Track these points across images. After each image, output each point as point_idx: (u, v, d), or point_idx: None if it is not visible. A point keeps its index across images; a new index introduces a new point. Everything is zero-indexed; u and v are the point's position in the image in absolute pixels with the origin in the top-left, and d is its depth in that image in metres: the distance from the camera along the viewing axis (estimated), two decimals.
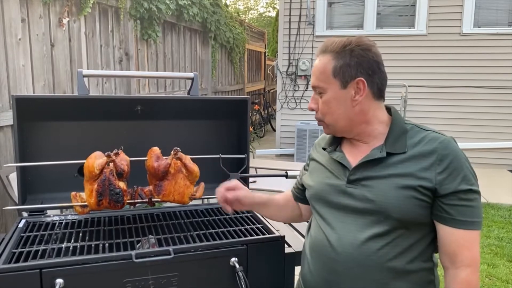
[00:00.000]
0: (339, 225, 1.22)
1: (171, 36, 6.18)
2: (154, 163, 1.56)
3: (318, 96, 1.25)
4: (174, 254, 1.35)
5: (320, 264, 1.25)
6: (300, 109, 7.51)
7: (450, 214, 1.12)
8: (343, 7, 7.27)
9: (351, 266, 1.17)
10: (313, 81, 1.24)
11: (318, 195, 1.30)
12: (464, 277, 1.12)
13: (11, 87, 3.14)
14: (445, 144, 1.14)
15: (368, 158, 1.19)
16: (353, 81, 1.18)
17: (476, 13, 6.60)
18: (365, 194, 1.17)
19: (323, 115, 1.25)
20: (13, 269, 1.23)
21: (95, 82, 4.30)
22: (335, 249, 1.20)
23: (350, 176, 1.21)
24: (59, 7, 3.70)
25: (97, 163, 1.46)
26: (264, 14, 26.81)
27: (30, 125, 1.71)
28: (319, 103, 1.24)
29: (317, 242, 1.28)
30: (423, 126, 1.23)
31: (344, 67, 1.18)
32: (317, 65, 1.23)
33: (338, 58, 1.18)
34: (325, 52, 1.21)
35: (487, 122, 6.67)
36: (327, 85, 1.20)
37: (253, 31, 12.04)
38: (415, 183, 1.12)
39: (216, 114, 1.99)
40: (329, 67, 1.19)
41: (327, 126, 1.27)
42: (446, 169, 1.11)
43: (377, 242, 1.15)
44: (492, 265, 3.48)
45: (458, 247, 1.12)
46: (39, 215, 1.69)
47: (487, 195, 5.17)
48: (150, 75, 2.84)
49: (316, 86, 1.23)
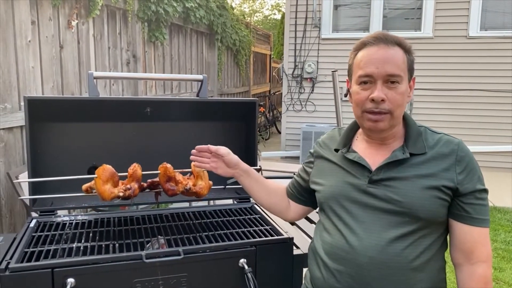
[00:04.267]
0: (360, 226, 1.20)
1: (178, 39, 6.21)
2: (165, 185, 1.61)
3: (388, 85, 1.17)
4: (184, 254, 1.36)
5: (341, 268, 1.21)
6: (305, 112, 7.51)
7: (469, 212, 1.16)
8: (349, 9, 7.27)
9: (375, 267, 1.15)
10: (391, 69, 1.16)
11: (336, 194, 1.26)
12: (481, 272, 1.16)
13: (20, 89, 3.17)
14: (461, 146, 1.19)
15: (392, 159, 1.19)
16: (412, 78, 1.23)
17: (483, 16, 6.58)
18: (389, 194, 1.17)
19: (396, 106, 1.17)
20: (26, 268, 1.25)
21: (103, 84, 4.33)
22: (357, 251, 1.17)
23: (373, 176, 1.20)
24: (68, 9, 3.74)
25: (109, 194, 1.50)
26: (270, 16, 26.86)
27: (40, 126, 1.73)
28: (389, 94, 1.17)
29: (334, 244, 1.24)
30: (433, 129, 1.26)
31: (412, 63, 1.22)
32: (393, 54, 1.18)
33: (409, 53, 1.20)
34: (395, 44, 1.19)
35: (494, 126, 6.64)
36: (404, 75, 1.19)
37: (258, 33, 12.06)
38: (438, 183, 1.15)
39: (225, 116, 2.00)
40: (405, 59, 1.19)
41: (393, 119, 1.19)
42: (465, 170, 1.16)
43: (402, 242, 1.15)
44: (499, 269, 3.47)
45: (475, 244, 1.16)
46: (49, 215, 1.71)
47: (493, 199, 5.14)
48: (160, 77, 2.85)
49: (396, 74, 1.17)
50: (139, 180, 1.55)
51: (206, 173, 1.64)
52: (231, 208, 1.90)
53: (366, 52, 1.20)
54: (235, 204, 1.96)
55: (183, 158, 1.93)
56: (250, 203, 1.95)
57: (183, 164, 1.78)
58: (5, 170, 3.01)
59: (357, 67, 1.22)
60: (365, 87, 1.19)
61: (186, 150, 1.97)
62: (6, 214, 3.08)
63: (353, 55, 1.25)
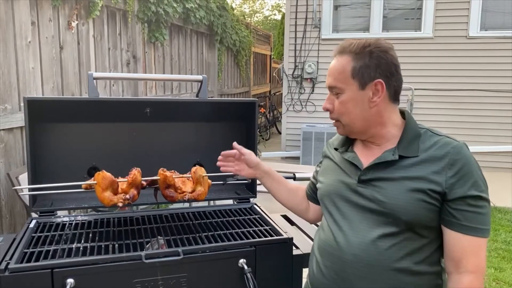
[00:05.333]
0: (347, 224, 1.23)
1: (178, 39, 6.21)
2: (164, 191, 1.62)
3: (334, 96, 1.24)
4: (184, 255, 1.36)
5: (328, 263, 1.26)
6: (305, 112, 7.51)
7: (457, 218, 1.11)
8: (349, 10, 7.27)
9: (359, 265, 1.18)
10: (330, 81, 1.23)
11: (330, 192, 1.30)
12: (466, 283, 1.11)
13: (20, 89, 3.17)
14: (457, 149, 1.13)
15: (380, 160, 1.20)
16: (372, 82, 1.18)
17: (483, 16, 6.58)
18: (375, 195, 1.18)
19: (339, 115, 1.24)
20: (25, 269, 1.25)
21: (103, 84, 4.33)
22: (342, 248, 1.21)
23: (361, 176, 1.22)
24: (68, 10, 3.74)
25: (109, 202, 1.51)
26: (270, 17, 26.87)
27: (40, 126, 1.73)
28: (335, 103, 1.24)
29: (325, 240, 1.29)
30: (437, 131, 1.22)
31: (363, 68, 1.18)
32: (335, 66, 1.23)
33: (357, 59, 1.18)
34: (343, 53, 1.21)
35: (494, 125, 6.63)
36: (345, 85, 1.20)
37: (259, 34, 12.07)
38: (425, 186, 1.12)
39: (224, 116, 2.00)
40: (348, 67, 1.19)
41: (343, 126, 1.26)
42: (457, 174, 1.11)
43: (386, 242, 1.15)
44: (499, 269, 3.46)
45: (463, 253, 1.12)
46: (49, 215, 1.71)
47: (494, 199, 5.11)
48: (160, 77, 2.86)
49: (334, 86, 1.23)
50: (139, 186, 1.56)
51: (206, 178, 1.65)
52: (230, 209, 1.90)
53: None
54: (235, 204, 1.96)
55: (182, 158, 1.94)
56: (249, 204, 1.95)
57: (182, 164, 1.79)
58: (5, 170, 3.01)
59: None
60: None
61: (186, 151, 1.98)
62: (6, 214, 3.08)
63: None
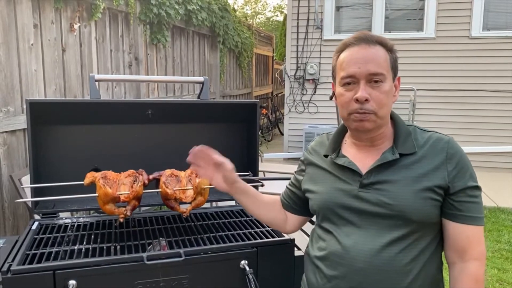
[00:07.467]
0: (354, 231, 1.19)
1: (180, 41, 6.22)
2: (165, 201, 1.63)
3: (372, 85, 1.16)
4: (185, 256, 1.37)
5: (335, 272, 1.20)
6: (308, 113, 7.51)
7: (461, 210, 1.14)
8: (351, 11, 7.27)
9: (370, 272, 1.14)
10: (374, 68, 1.15)
11: (329, 202, 1.24)
12: (473, 269, 1.14)
13: (23, 92, 3.18)
14: (451, 144, 1.18)
15: (381, 161, 1.18)
16: (396, 77, 1.21)
17: (485, 16, 6.56)
18: (381, 198, 1.15)
19: (380, 106, 1.16)
20: (27, 270, 1.26)
21: (105, 86, 4.34)
22: (353, 256, 1.16)
23: (363, 180, 1.19)
24: (70, 12, 3.75)
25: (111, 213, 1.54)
26: (272, 18, 26.88)
27: (43, 128, 1.74)
28: (373, 94, 1.15)
29: (329, 250, 1.23)
30: (424, 128, 1.25)
31: (393, 61, 1.20)
32: (374, 53, 1.17)
33: (391, 52, 1.20)
34: (376, 43, 1.18)
35: (496, 126, 6.60)
36: (387, 74, 1.17)
37: (261, 35, 12.08)
38: (431, 183, 1.13)
39: (226, 117, 2.00)
40: (387, 57, 1.18)
41: (377, 119, 1.17)
42: (456, 167, 1.14)
43: (396, 247, 1.14)
44: (503, 270, 3.45)
45: (468, 243, 1.15)
46: (51, 217, 1.72)
47: (497, 199, 5.12)
48: (161, 79, 2.87)
49: (379, 73, 1.15)
50: (140, 198, 1.57)
51: (208, 190, 1.65)
52: (232, 210, 1.90)
53: (348, 53, 1.19)
54: (236, 205, 1.96)
55: (184, 160, 1.94)
56: None
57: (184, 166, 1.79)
58: (8, 172, 3.02)
59: (339, 68, 1.21)
60: (348, 88, 1.18)
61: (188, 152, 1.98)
62: (9, 216, 3.09)
63: (336, 57, 1.25)
